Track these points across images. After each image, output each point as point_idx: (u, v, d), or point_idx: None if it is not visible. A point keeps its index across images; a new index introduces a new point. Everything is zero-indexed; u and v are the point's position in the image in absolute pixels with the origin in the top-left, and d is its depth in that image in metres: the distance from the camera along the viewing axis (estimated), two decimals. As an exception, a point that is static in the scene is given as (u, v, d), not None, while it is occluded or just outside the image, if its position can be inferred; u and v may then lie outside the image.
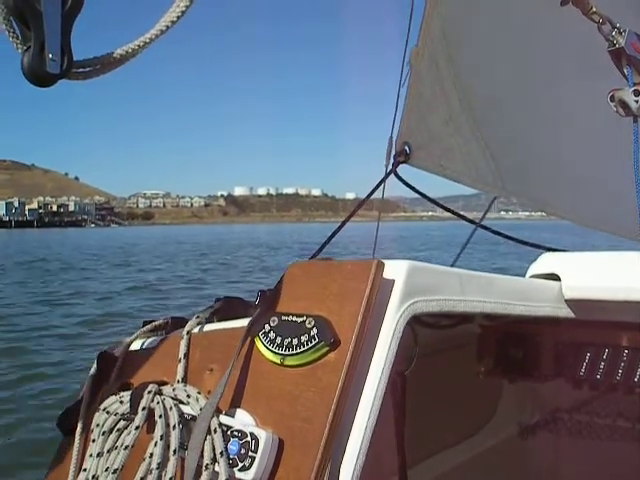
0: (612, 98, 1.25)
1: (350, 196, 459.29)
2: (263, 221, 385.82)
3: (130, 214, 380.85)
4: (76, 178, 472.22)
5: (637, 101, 1.21)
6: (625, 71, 1.25)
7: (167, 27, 0.93)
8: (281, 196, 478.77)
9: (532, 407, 2.06)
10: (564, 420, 1.97)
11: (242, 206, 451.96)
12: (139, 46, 0.93)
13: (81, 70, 0.93)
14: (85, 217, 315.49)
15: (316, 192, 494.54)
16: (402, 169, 2.91)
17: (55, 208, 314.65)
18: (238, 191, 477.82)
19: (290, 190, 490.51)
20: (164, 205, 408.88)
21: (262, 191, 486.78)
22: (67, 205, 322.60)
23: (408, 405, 1.66)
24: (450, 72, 2.75)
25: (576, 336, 1.80)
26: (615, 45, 1.23)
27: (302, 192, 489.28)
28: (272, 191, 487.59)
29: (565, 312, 1.68)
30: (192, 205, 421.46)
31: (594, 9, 1.22)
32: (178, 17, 0.93)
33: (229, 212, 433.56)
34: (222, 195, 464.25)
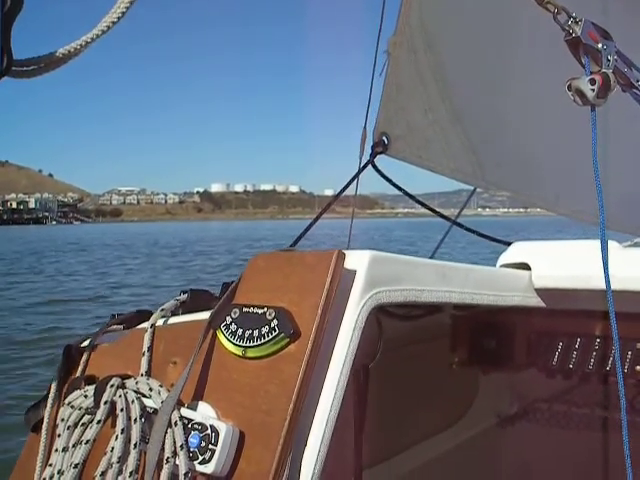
0: (569, 87, 1.24)
1: (328, 192, 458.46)
2: (237, 218, 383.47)
3: (98, 211, 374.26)
4: (50, 175, 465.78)
5: (593, 90, 1.20)
6: (583, 60, 1.25)
7: (108, 27, 0.97)
8: (258, 193, 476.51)
9: (510, 397, 2.06)
10: (542, 410, 1.97)
11: (218, 203, 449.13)
12: (81, 45, 0.96)
13: (24, 69, 0.94)
14: (46, 214, 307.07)
15: (294, 189, 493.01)
16: (380, 164, 2.88)
17: (15, 205, 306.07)
18: (215, 188, 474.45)
19: (267, 187, 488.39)
20: (138, 202, 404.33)
21: (239, 188, 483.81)
22: (27, 202, 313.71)
23: (384, 397, 1.66)
24: (429, 62, 2.73)
25: (548, 325, 1.81)
26: (572, 34, 1.22)
27: (279, 189, 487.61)
28: (249, 188, 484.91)
29: (535, 301, 1.69)
30: (166, 202, 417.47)
31: None
32: (119, 17, 0.96)
33: (204, 209, 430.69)
34: (198, 192, 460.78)
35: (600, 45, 1.24)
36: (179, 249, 43.68)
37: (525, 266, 1.70)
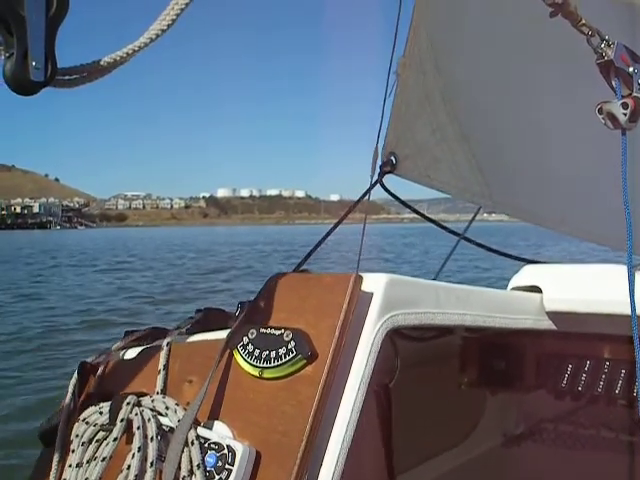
0: (600, 111, 1.24)
1: (335, 198, 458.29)
2: (243, 223, 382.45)
3: (103, 215, 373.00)
4: (56, 179, 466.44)
5: (625, 114, 1.20)
6: (613, 83, 1.24)
7: (157, 35, 0.92)
8: (264, 198, 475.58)
9: (517, 417, 2.08)
10: (548, 430, 1.99)
11: (224, 208, 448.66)
12: (127, 54, 0.92)
13: (67, 77, 0.91)
14: (50, 219, 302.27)
15: (300, 194, 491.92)
16: (388, 176, 2.92)
17: (19, 209, 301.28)
18: (221, 192, 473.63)
19: (274, 192, 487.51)
20: (144, 206, 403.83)
21: (245, 193, 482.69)
22: (31, 207, 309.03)
23: (395, 415, 1.68)
24: (437, 82, 2.75)
25: (558, 348, 1.82)
26: (604, 57, 1.22)
27: (286, 194, 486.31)
28: (255, 193, 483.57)
29: (546, 324, 1.70)
30: (172, 207, 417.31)
31: (583, 21, 1.21)
32: (169, 25, 0.92)
33: (209, 214, 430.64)
34: (204, 197, 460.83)
35: (632, 69, 1.23)
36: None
37: (536, 289, 1.72)
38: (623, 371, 1.71)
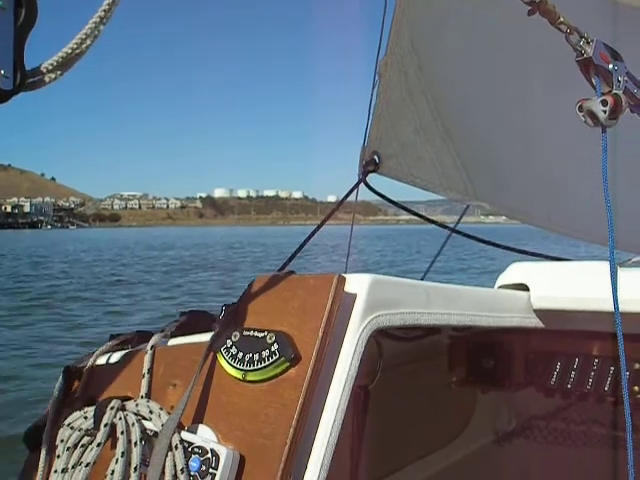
0: (580, 108, 1.23)
1: (332, 199, 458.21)
2: (239, 223, 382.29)
3: (96, 215, 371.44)
4: (52, 179, 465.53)
5: (605, 111, 1.19)
6: (593, 81, 1.23)
7: (109, 6, 0.85)
8: (261, 198, 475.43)
9: (508, 415, 2.08)
10: (540, 427, 1.99)
11: (220, 208, 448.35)
12: (86, 35, 0.86)
13: (37, 78, 0.88)
14: (41, 218, 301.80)
15: (297, 194, 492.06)
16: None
17: (9, 209, 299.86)
18: (218, 193, 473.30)
19: (271, 192, 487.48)
20: (140, 206, 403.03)
21: (242, 193, 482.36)
22: (22, 206, 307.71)
23: (382, 416, 1.67)
24: (420, 81, 2.76)
25: (546, 345, 1.82)
26: (583, 55, 1.21)
27: (283, 194, 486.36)
28: (252, 193, 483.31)
29: (534, 322, 1.71)
30: (168, 207, 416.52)
31: (562, 19, 1.20)
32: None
33: (205, 214, 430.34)
34: (200, 197, 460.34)
35: (611, 66, 1.23)
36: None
37: (524, 287, 1.72)
38: (612, 368, 1.71)
